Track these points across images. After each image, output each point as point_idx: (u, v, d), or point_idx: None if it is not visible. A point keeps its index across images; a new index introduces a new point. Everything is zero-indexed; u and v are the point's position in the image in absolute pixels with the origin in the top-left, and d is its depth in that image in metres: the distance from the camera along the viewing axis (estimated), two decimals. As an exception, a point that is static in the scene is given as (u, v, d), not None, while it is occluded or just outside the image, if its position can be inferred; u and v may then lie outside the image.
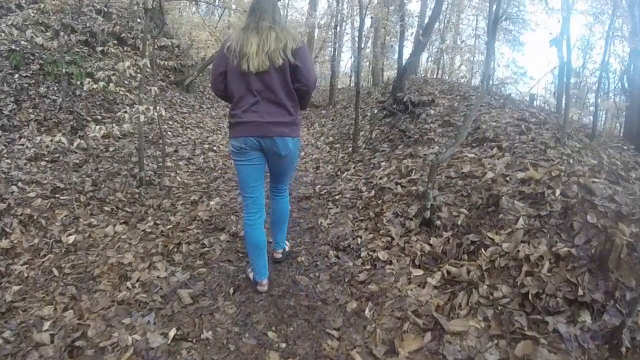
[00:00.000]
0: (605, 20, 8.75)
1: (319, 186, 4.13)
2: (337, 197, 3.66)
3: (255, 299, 2.08)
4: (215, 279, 2.30)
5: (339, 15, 10.55)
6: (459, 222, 2.61)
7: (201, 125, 6.93)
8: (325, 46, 17.69)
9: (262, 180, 2.08)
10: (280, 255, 2.48)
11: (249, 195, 2.05)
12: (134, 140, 5.06)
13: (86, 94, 5.60)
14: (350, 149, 5.07)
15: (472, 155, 3.68)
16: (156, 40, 6.01)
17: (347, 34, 16.59)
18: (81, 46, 6.64)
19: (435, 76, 11.11)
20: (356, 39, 17.91)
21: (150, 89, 3.42)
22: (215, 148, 5.82)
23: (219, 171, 4.70)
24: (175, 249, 2.70)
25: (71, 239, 3.01)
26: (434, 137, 4.29)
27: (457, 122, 4.61)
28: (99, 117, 5.27)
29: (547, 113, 6.55)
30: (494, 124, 4.53)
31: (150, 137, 5.16)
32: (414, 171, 3.63)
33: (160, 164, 4.54)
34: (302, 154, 6.08)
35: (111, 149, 4.70)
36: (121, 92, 6.67)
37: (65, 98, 5.23)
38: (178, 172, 4.50)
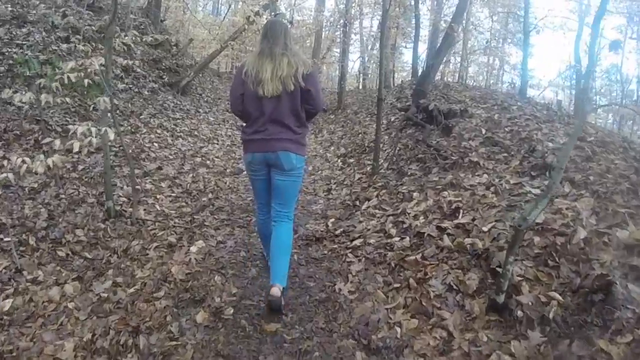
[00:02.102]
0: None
1: (332, 220, 3.26)
2: (358, 242, 2.79)
3: None
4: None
5: (348, 13, 9.66)
6: (551, 315, 1.74)
7: (195, 133, 6.08)
8: (332, 46, 16.82)
9: (269, 195, 2.22)
10: (279, 294, 1.99)
11: (260, 202, 2.30)
12: (110, 153, 4.22)
13: (60, 99, 4.78)
14: (369, 168, 4.19)
15: (538, 191, 2.79)
16: (145, 37, 5.17)
17: (355, 33, 15.73)
18: (60, 44, 5.79)
19: (457, 80, 10.18)
20: (365, 39, 17.02)
21: (100, 100, 2.54)
22: (208, 162, 4.96)
23: (210, 195, 3.84)
24: (130, 341, 1.84)
25: (7, 304, 2.22)
26: (478, 160, 3.40)
27: (504, 141, 3.72)
28: (71, 127, 4.41)
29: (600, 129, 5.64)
30: (551, 144, 3.64)
31: (129, 152, 4.31)
32: (461, 211, 2.75)
33: (138, 187, 3.69)
34: (310, 167, 5.22)
35: (80, 167, 3.86)
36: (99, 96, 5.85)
37: (34, 105, 4.40)
38: (158, 197, 3.65)
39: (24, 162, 2.00)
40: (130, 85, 6.21)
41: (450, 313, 1.95)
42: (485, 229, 2.53)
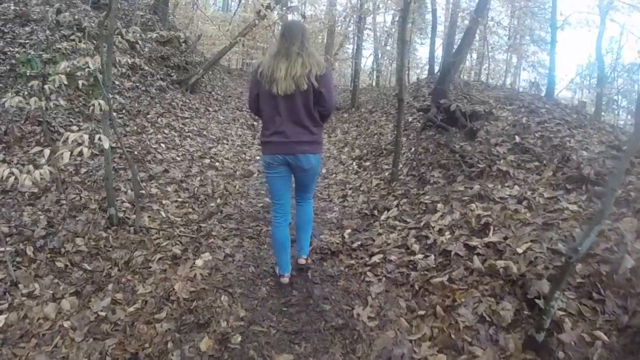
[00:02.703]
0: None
1: (348, 231, 3.02)
2: (377, 258, 2.55)
3: None
4: None
5: (363, 7, 9.35)
6: (595, 358, 1.50)
7: (204, 133, 5.90)
8: (345, 42, 16.48)
9: (289, 189, 2.27)
10: (304, 262, 2.49)
11: (277, 202, 2.27)
12: (114, 155, 4.06)
13: (64, 99, 4.64)
14: (387, 174, 3.94)
15: (575, 208, 2.53)
16: (151, 34, 5.00)
17: (369, 29, 15.35)
18: (64, 42, 5.65)
19: (478, 79, 9.79)
20: (378, 35, 16.63)
21: (94, 104, 2.34)
22: (217, 164, 4.77)
23: (218, 200, 3.64)
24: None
25: (1, 320, 2.09)
26: (507, 170, 3.13)
27: (535, 148, 3.43)
28: (76, 128, 4.26)
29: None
30: (585, 153, 3.35)
31: (135, 153, 4.14)
32: (491, 228, 2.49)
33: (142, 192, 3.52)
34: (324, 170, 4.99)
35: (83, 170, 3.70)
36: (109, 95, 5.71)
37: (36, 105, 4.27)
38: (164, 202, 3.46)
39: (12, 174, 1.81)
40: (137, 84, 6.05)
41: (482, 349, 1.71)
42: (519, 250, 2.28)
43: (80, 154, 1.90)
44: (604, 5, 9.52)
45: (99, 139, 2.13)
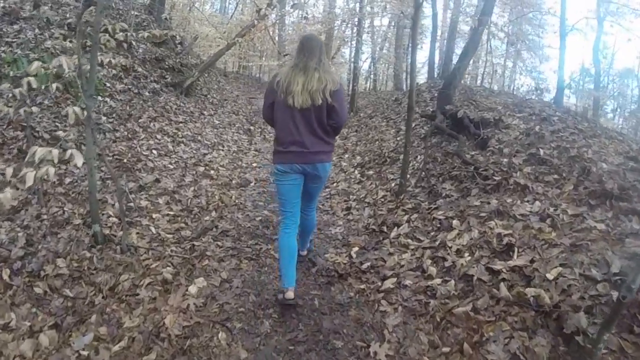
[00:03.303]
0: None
1: (355, 249, 2.79)
2: (390, 282, 2.32)
3: None
4: None
5: (362, 10, 9.16)
6: None
7: (199, 138, 5.63)
8: (342, 46, 16.29)
9: (299, 198, 2.31)
10: (305, 252, 2.67)
11: (287, 210, 2.29)
12: (101, 164, 3.79)
13: (50, 102, 4.36)
14: (393, 184, 3.72)
15: (603, 227, 2.32)
16: (142, 33, 4.73)
17: (367, 33, 15.17)
18: (54, 41, 5.35)
19: (479, 84, 9.64)
20: (375, 38, 16.46)
21: (68, 110, 2.09)
22: (212, 172, 4.51)
23: (213, 213, 3.38)
24: None
25: None
26: (525, 183, 2.92)
27: (552, 159, 3.22)
28: (62, 133, 3.98)
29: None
30: (605, 165, 3.15)
31: (124, 161, 3.87)
32: (516, 249, 2.27)
33: (131, 205, 3.26)
34: (323, 179, 4.75)
35: (67, 180, 3.42)
36: (99, 98, 5.41)
37: (18, 109, 3.98)
38: (154, 216, 3.20)
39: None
40: (130, 86, 5.77)
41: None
42: (549, 276, 2.07)
43: (47, 175, 1.63)
44: (602, 9, 9.46)
45: (71, 155, 1.85)
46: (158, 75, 7.00)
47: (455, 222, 2.71)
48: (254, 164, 5.39)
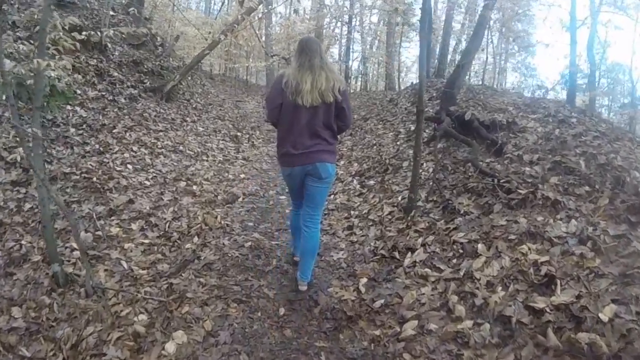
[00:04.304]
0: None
1: (364, 281, 2.36)
2: (410, 327, 1.90)
3: None
4: None
5: (353, 7, 8.76)
6: None
7: (180, 148, 5.15)
8: (331, 45, 15.88)
9: None
10: (305, 287, 2.31)
11: (296, 201, 2.43)
12: (67, 184, 3.29)
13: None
14: (400, 198, 3.31)
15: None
16: (106, 31, 4.24)
17: (357, 31, 14.79)
18: (22, 43, 4.79)
19: (481, 83, 9.31)
20: (366, 36, 16.13)
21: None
22: (194, 187, 4.03)
23: (195, 239, 2.92)
24: None
25: None
26: (555, 197, 2.53)
27: (580, 168, 2.86)
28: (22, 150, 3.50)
29: None
30: (637, 173, 2.81)
31: (93, 180, 3.37)
32: (558, 282, 1.89)
33: (99, 233, 2.78)
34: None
35: (27, 206, 2.93)
36: (68, 107, 4.92)
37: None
38: (126, 247, 2.73)
39: None
40: (104, 92, 5.25)
41: None
42: (603, 316, 1.71)
43: None
44: (596, 4, 9.24)
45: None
46: (136, 79, 6.48)
47: (480, 246, 2.31)
48: (242, 175, 4.93)
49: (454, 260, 2.31)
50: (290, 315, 2.08)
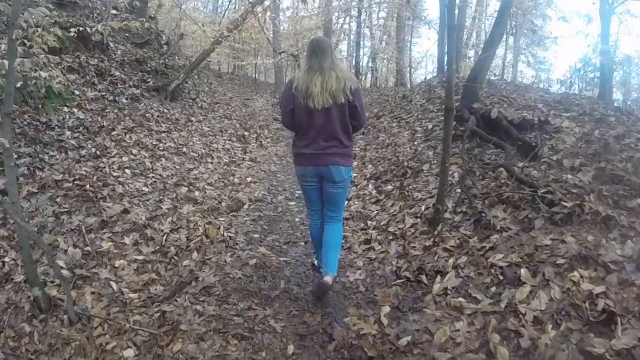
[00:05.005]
0: None
1: (386, 310, 2.04)
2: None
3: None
4: None
5: (362, 1, 8.38)
6: None
7: (184, 149, 4.87)
8: (340, 41, 15.49)
9: (321, 199, 2.31)
10: (330, 281, 2.12)
11: (314, 209, 2.37)
12: (58, 193, 3.03)
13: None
14: (423, 207, 2.97)
15: None
16: (97, 26, 3.96)
17: (366, 27, 14.36)
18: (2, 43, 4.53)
19: (500, 78, 8.85)
20: (375, 31, 15.69)
21: None
22: (196, 193, 3.75)
23: (194, 256, 2.63)
24: None
25: None
26: (606, 211, 2.17)
27: (630, 176, 2.48)
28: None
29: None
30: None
31: (86, 187, 3.11)
32: (618, 320, 1.54)
33: (88, 248, 2.51)
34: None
35: (11, 220, 2.67)
36: (65, 109, 4.72)
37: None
38: (117, 264, 2.45)
39: None
40: (104, 93, 5.00)
41: None
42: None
43: None
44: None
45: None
46: (139, 78, 6.24)
47: (523, 271, 1.96)
48: (249, 179, 4.63)
49: (493, 289, 1.97)
50: (300, 355, 1.77)
